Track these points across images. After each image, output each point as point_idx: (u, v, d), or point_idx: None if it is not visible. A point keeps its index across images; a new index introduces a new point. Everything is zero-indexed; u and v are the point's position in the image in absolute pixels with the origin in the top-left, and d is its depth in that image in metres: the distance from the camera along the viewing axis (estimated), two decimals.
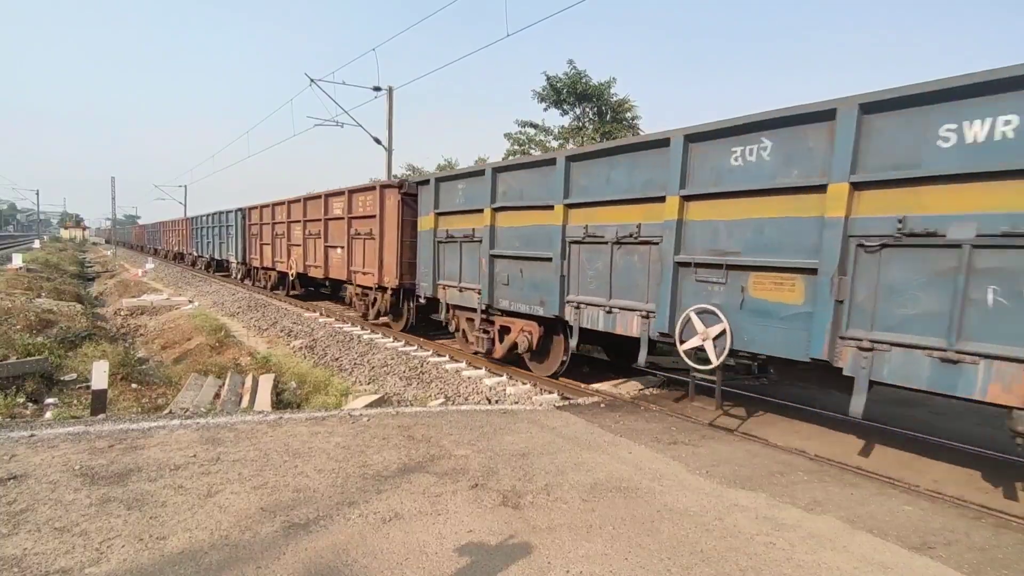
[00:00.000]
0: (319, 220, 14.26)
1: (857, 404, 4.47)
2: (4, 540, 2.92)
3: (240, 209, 20.81)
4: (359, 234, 12.28)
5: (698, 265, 5.62)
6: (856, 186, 4.44)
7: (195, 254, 29.82)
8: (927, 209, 4.12)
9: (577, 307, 7.00)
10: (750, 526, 3.53)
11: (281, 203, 16.99)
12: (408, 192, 10.69)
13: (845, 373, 4.60)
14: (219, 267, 26.37)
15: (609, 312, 6.59)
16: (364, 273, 12.22)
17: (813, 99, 4.80)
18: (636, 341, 6.35)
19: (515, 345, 8.26)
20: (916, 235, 4.15)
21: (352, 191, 12.67)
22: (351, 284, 13.12)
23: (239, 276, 22.43)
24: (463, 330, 9.55)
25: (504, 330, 8.59)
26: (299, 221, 15.46)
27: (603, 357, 9.74)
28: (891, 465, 4.97)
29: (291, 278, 16.75)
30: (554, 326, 7.83)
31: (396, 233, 10.89)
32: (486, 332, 8.84)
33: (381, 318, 12.39)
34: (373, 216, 11.45)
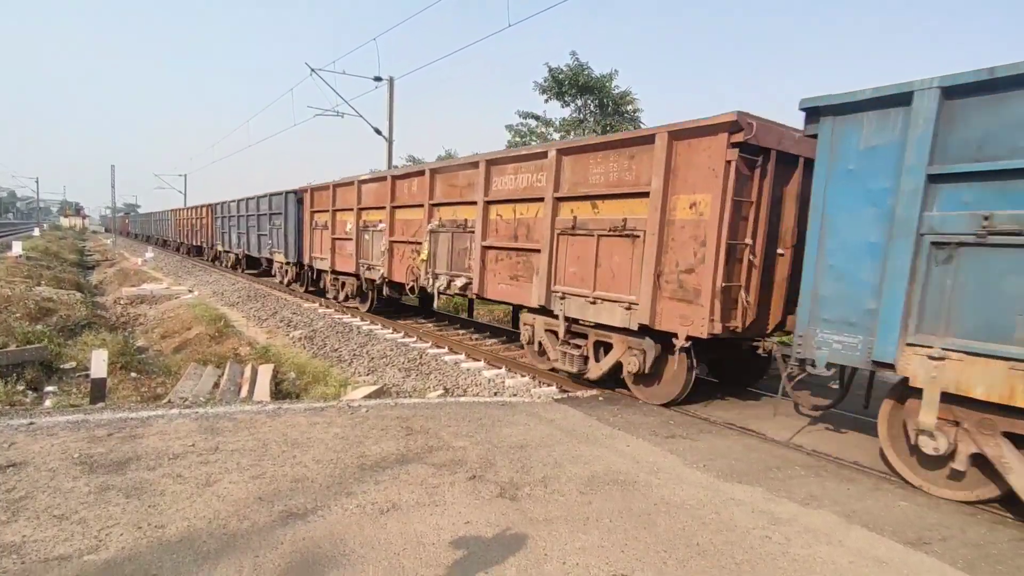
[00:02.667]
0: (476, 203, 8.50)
1: None
2: (3, 527, 2.93)
3: (294, 191, 15.88)
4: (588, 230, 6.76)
5: None
6: None
7: (220, 248, 24.44)
8: None
9: None
10: (746, 520, 3.55)
11: (378, 179, 11.65)
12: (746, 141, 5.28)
13: None
14: (251, 264, 21.61)
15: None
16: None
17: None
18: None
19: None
20: None
21: (596, 145, 6.74)
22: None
23: (285, 279, 17.38)
24: None
25: None
26: (420, 205, 9.95)
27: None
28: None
29: (413, 287, 10.46)
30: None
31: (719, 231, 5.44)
32: None
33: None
34: (642, 194, 6.05)
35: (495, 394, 7.39)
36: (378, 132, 18.48)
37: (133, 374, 9.03)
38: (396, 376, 8.56)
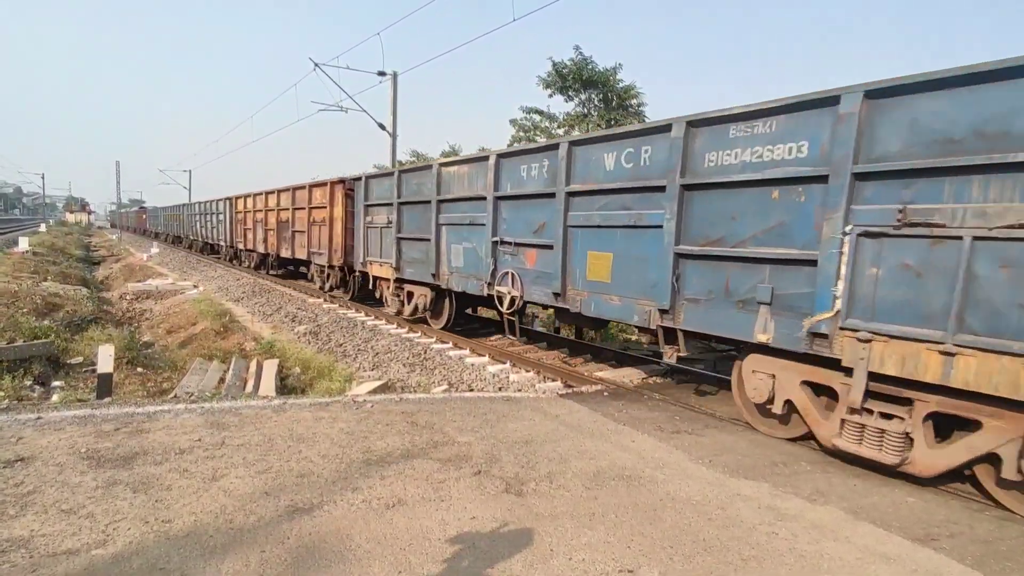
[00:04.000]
0: None
1: None
2: (12, 521, 2.94)
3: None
4: None
5: None
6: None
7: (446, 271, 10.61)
8: None
9: None
10: (752, 516, 3.54)
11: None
12: None
13: None
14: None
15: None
16: None
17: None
18: None
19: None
20: None
21: None
22: None
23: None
24: None
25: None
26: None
27: None
28: None
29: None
30: None
31: None
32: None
33: None
34: None
35: (499, 389, 7.40)
36: (382, 127, 18.46)
37: (139, 369, 9.07)
38: (400, 371, 8.57)
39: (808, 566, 3.00)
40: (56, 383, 7.97)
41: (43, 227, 47.77)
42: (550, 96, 21.06)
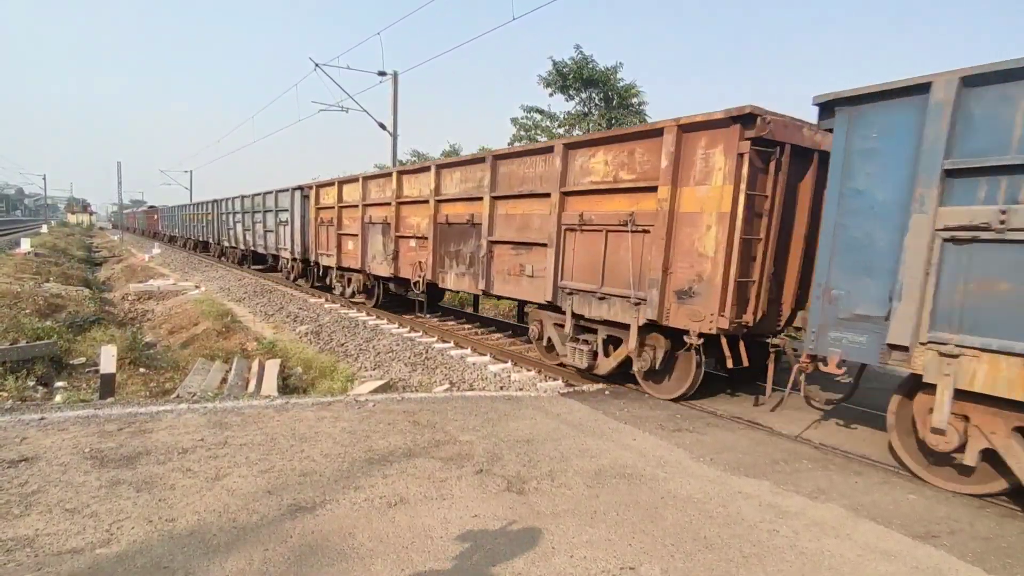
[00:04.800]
0: None
1: None
2: (17, 521, 2.96)
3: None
4: None
5: None
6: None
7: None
8: None
9: None
10: (754, 513, 3.54)
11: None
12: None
13: None
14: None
15: None
16: None
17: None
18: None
19: None
20: None
21: None
22: None
23: None
24: None
25: None
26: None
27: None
28: None
29: None
30: None
31: None
32: None
33: None
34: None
35: (501, 388, 7.41)
36: (382, 127, 18.46)
37: (142, 369, 9.10)
38: (402, 371, 8.58)
39: (809, 563, 3.01)
40: (59, 384, 7.99)
41: (45, 228, 47.85)
42: (551, 95, 21.06)
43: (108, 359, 6.86)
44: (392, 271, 11.18)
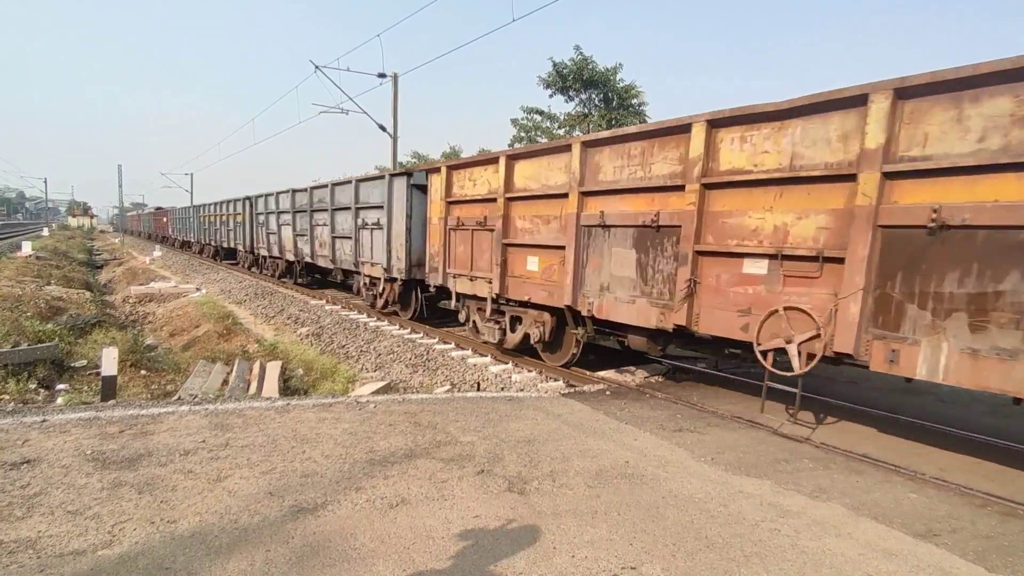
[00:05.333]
0: None
1: None
2: (19, 523, 2.97)
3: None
4: None
5: None
6: None
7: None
8: None
9: None
10: (755, 512, 3.55)
11: None
12: None
13: None
14: None
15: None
16: None
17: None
18: None
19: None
20: None
21: None
22: None
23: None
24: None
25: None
26: None
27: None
28: (897, 453, 4.96)
29: None
30: None
31: None
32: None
33: None
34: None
35: (502, 389, 7.42)
36: (383, 129, 18.50)
37: (143, 371, 9.11)
38: (403, 372, 8.59)
39: (810, 562, 3.01)
40: (61, 386, 8.00)
41: (46, 231, 47.92)
42: (551, 96, 21.11)
43: (109, 361, 6.87)
44: (685, 320, 5.89)
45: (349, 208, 12.80)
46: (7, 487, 3.33)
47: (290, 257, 16.98)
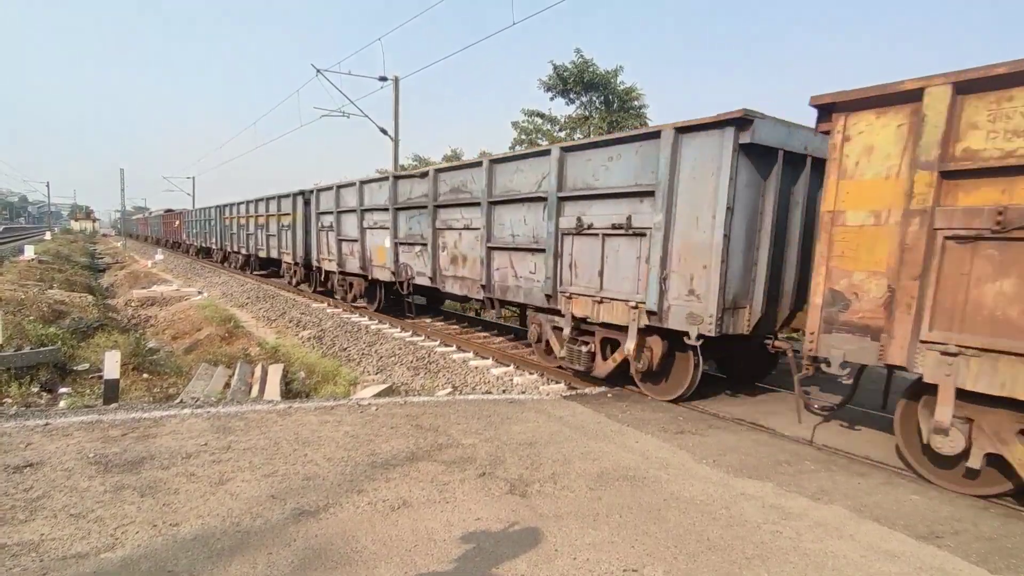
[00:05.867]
0: None
1: None
2: (22, 526, 2.98)
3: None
4: None
5: None
6: None
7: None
8: None
9: None
10: (757, 515, 3.54)
11: None
12: None
13: None
14: None
15: None
16: None
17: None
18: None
19: None
20: None
21: None
22: None
23: None
24: None
25: None
26: None
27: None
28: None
29: None
30: None
31: None
32: None
33: None
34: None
35: (503, 392, 7.41)
36: (384, 132, 18.54)
37: (145, 375, 9.12)
38: (405, 374, 8.60)
39: (813, 564, 3.01)
40: (63, 389, 8.01)
41: (48, 235, 48.03)
42: (551, 99, 21.14)
43: (112, 364, 6.88)
44: None
45: (448, 205, 9.06)
46: (10, 490, 3.34)
47: (383, 276, 11.60)
